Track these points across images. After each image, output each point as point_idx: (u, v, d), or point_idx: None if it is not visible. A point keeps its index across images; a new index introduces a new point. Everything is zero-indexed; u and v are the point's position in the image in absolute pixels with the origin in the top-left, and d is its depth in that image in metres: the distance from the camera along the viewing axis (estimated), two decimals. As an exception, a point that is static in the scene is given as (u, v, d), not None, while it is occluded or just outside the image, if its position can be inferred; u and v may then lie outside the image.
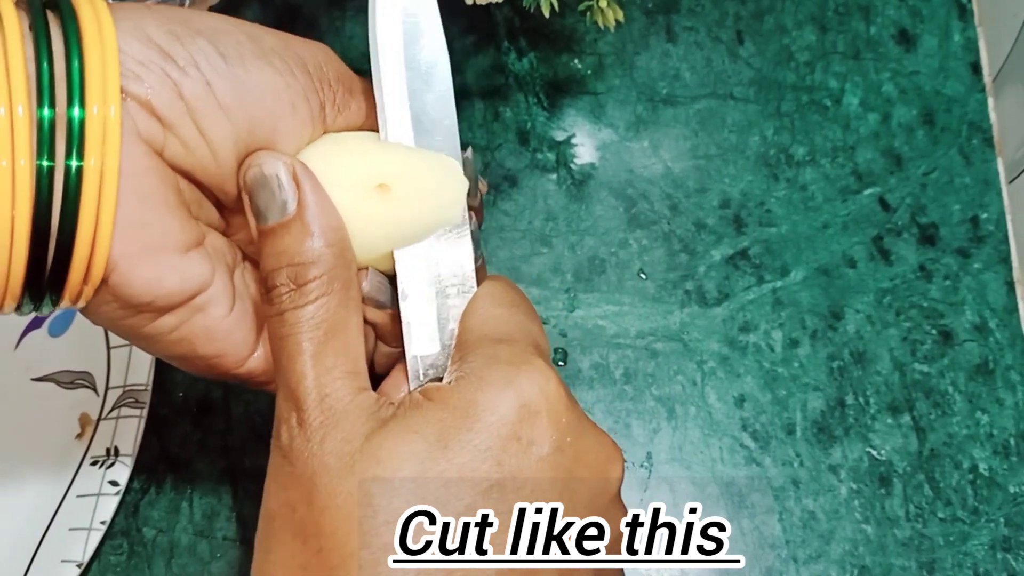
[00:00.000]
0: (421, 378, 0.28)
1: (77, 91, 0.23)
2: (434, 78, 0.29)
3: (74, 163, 0.23)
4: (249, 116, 0.26)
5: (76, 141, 0.23)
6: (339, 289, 0.27)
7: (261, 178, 0.26)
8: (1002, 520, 0.43)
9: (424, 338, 0.28)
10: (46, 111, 0.23)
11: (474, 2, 0.41)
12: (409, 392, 0.28)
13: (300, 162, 0.27)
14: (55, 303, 0.25)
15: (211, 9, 0.44)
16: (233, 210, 0.29)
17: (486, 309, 0.29)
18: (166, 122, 0.25)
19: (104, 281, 0.25)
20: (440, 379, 0.28)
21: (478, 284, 0.31)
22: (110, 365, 0.42)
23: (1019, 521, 0.43)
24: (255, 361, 0.29)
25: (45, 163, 0.23)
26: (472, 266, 0.29)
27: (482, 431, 0.25)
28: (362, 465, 0.24)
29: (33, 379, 0.42)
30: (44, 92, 0.23)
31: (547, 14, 0.42)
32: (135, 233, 0.25)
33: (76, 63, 0.24)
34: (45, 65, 0.23)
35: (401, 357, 0.29)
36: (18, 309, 0.25)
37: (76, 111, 0.23)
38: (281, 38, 0.28)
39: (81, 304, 0.26)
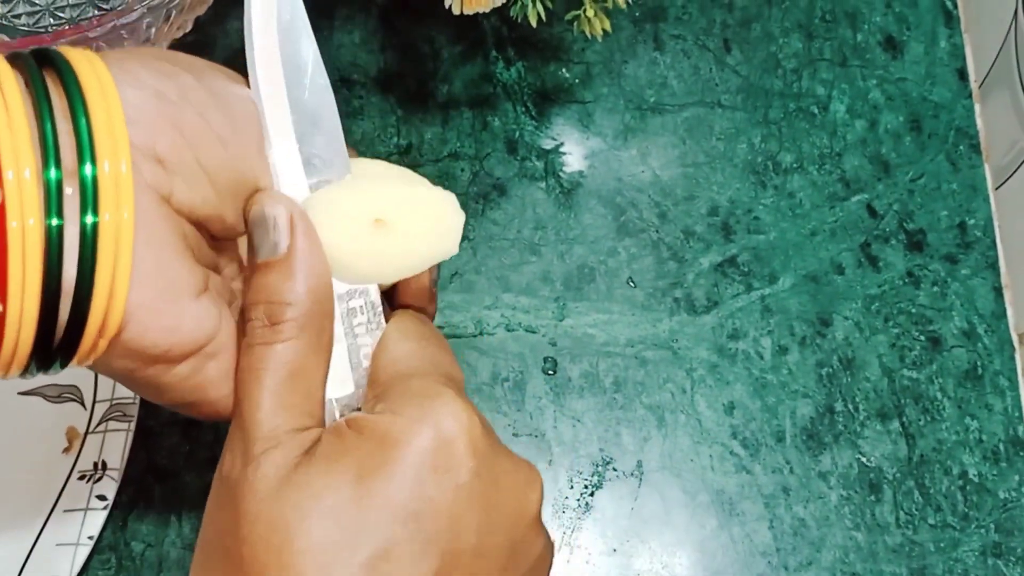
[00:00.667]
0: (336, 417, 0.28)
1: (87, 149, 0.23)
2: (322, 118, 0.29)
3: (89, 220, 0.23)
4: (242, 144, 0.27)
5: (90, 199, 0.23)
6: (311, 335, 0.27)
7: (261, 216, 0.27)
8: (992, 526, 0.43)
9: (337, 380, 0.28)
10: (53, 172, 0.23)
11: (462, 11, 0.41)
12: (334, 421, 0.28)
13: (300, 209, 0.28)
14: (64, 365, 0.25)
15: (196, 20, 0.44)
16: (223, 247, 0.29)
17: (396, 346, 0.29)
18: (168, 163, 0.25)
19: (118, 335, 0.25)
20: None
21: (430, 307, 0.31)
22: (97, 378, 0.42)
23: (1009, 527, 0.43)
24: None
25: (55, 222, 0.23)
26: (379, 300, 0.29)
27: (398, 462, 0.25)
28: (285, 493, 0.25)
29: (20, 393, 0.42)
30: (50, 152, 0.23)
31: (534, 23, 0.42)
32: (151, 283, 0.25)
33: (83, 120, 0.23)
34: (49, 125, 0.23)
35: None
36: (23, 374, 0.25)
37: (88, 168, 0.23)
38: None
39: (90, 361, 0.25)
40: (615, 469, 0.43)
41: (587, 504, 0.43)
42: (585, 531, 0.42)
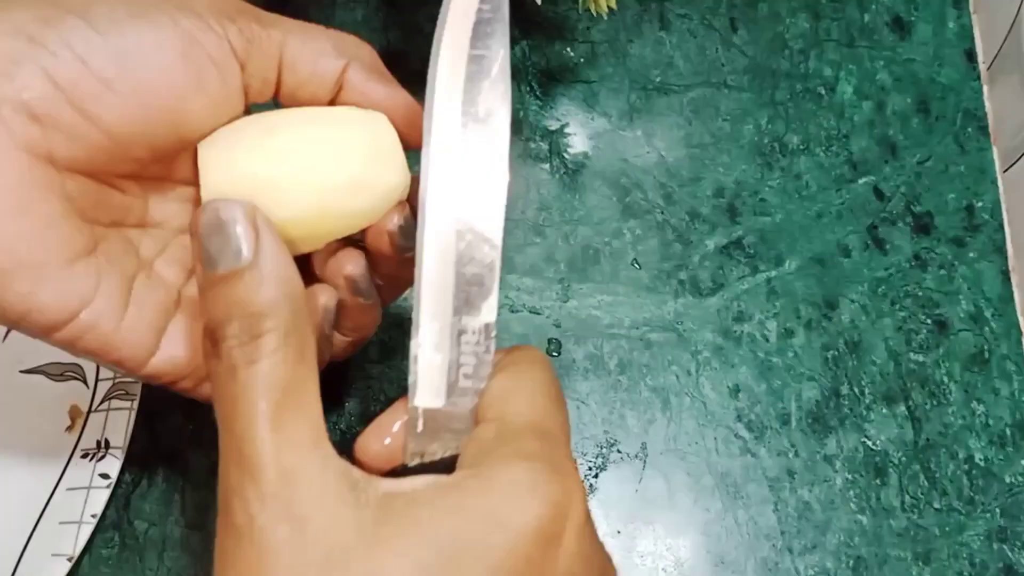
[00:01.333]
0: (419, 430, 0.27)
1: None
2: (492, 72, 0.28)
3: None
4: (135, 80, 0.25)
5: None
6: (295, 344, 0.24)
7: (216, 222, 0.25)
8: (998, 510, 0.43)
9: (430, 390, 0.27)
10: None
11: (466, -10, 0.41)
12: (412, 452, 0.27)
13: (259, 209, 0.26)
14: None
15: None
16: (146, 177, 0.28)
17: (534, 396, 0.27)
18: (44, 118, 0.24)
19: None
20: (449, 447, 0.26)
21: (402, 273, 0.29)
22: (100, 357, 0.42)
23: (1015, 511, 0.43)
24: (157, 363, 0.28)
25: None
26: (495, 319, 0.27)
27: (498, 547, 0.23)
28: (360, 565, 0.22)
29: (22, 371, 0.42)
30: None
31: (539, 1, 0.42)
32: (6, 251, 0.24)
33: None
34: None
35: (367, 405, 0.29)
36: None
37: None
38: None
39: None
40: (619, 451, 0.43)
41: (591, 486, 0.43)
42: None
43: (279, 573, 0.22)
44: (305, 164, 0.27)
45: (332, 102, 0.30)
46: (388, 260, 0.30)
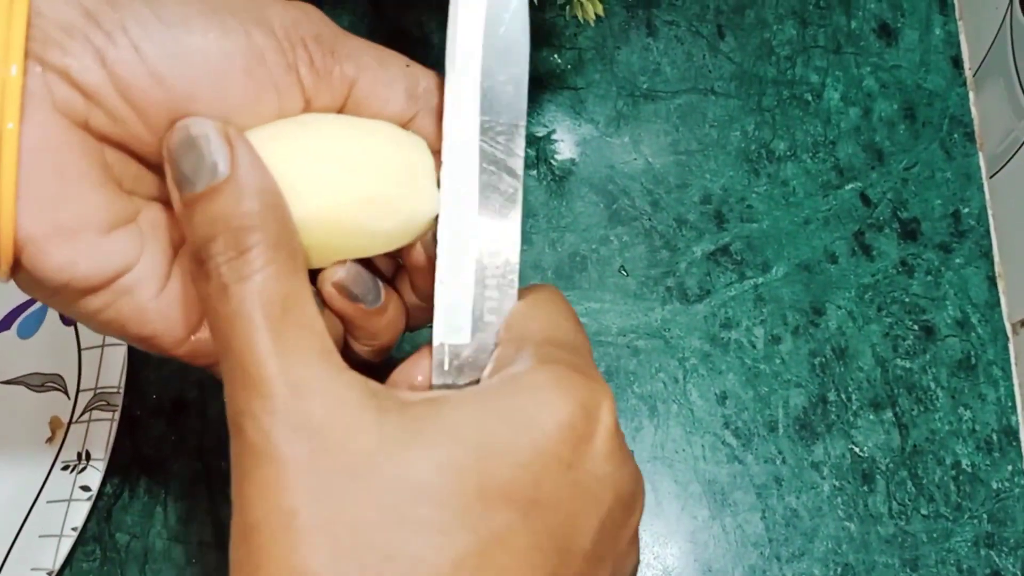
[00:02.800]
0: (446, 367, 0.26)
1: None
2: (510, 57, 0.27)
3: None
4: (189, 82, 0.24)
5: None
6: (285, 256, 0.23)
7: (188, 140, 0.24)
8: (985, 516, 0.43)
9: (455, 326, 0.26)
10: None
11: (451, -5, 0.40)
12: (437, 386, 0.26)
13: (231, 124, 0.25)
14: None
15: None
16: None
17: (553, 316, 0.26)
18: (87, 92, 0.23)
19: (18, 260, 0.23)
20: (475, 380, 0.26)
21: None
22: (81, 367, 0.41)
23: (1002, 517, 0.43)
24: (197, 342, 0.27)
25: None
26: (517, 257, 0.27)
27: (527, 445, 0.22)
28: (387, 468, 0.22)
29: (2, 382, 0.41)
30: None
31: (526, 8, 0.41)
32: (44, 212, 0.23)
33: None
34: None
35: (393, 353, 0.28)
36: None
37: None
38: None
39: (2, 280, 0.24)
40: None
41: (578, 494, 0.42)
42: (576, 522, 0.42)
43: (302, 486, 0.21)
44: (332, 169, 0.26)
45: None
46: (423, 273, 0.29)
